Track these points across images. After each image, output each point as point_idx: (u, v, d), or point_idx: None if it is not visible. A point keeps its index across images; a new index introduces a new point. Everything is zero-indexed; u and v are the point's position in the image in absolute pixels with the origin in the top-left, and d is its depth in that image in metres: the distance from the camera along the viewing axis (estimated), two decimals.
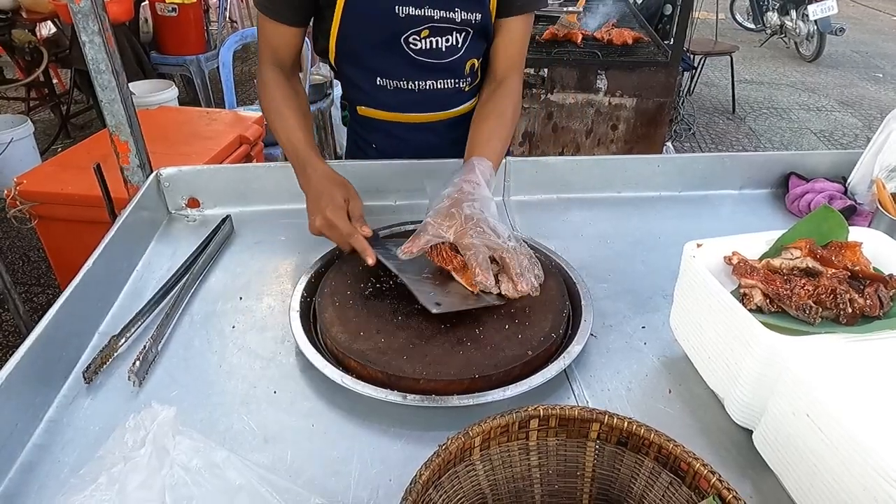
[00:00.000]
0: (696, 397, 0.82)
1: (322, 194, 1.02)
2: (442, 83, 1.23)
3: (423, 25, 1.14)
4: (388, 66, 1.19)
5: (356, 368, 0.83)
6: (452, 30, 1.17)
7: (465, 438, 0.58)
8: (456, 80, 1.24)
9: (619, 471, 0.62)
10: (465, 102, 1.29)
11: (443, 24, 1.15)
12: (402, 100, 1.24)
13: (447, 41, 1.18)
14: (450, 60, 1.20)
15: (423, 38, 1.16)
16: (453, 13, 1.14)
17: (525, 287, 0.87)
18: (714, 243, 0.84)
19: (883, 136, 1.26)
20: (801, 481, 0.64)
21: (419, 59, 1.18)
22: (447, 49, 1.18)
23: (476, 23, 1.16)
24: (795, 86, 6.21)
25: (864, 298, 0.71)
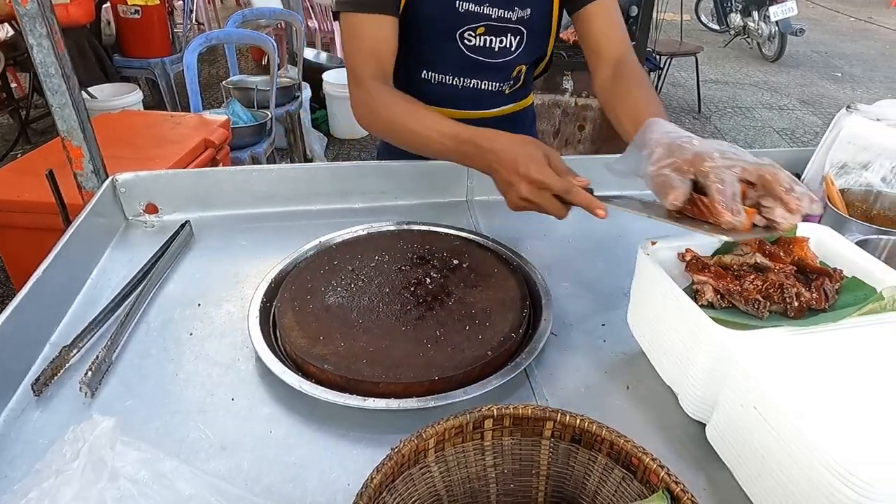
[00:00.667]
0: (653, 393, 0.84)
1: (517, 158, 0.88)
2: (486, 84, 1.23)
3: (480, 23, 1.14)
4: (438, 61, 1.19)
5: (315, 373, 0.82)
6: (507, 31, 1.17)
7: (419, 441, 0.58)
8: (500, 83, 1.24)
9: (574, 468, 0.63)
10: (501, 105, 1.30)
11: (498, 24, 1.15)
12: (443, 94, 1.23)
13: (500, 42, 1.17)
14: (500, 62, 1.20)
15: (479, 36, 1.16)
16: (511, 12, 1.14)
17: (805, 204, 0.68)
18: (668, 241, 0.85)
19: (833, 133, 1.30)
20: (750, 473, 0.65)
21: (471, 56, 1.18)
22: (500, 50, 1.18)
23: (527, 19, 1.15)
24: (758, 85, 6.36)
25: (810, 292, 0.73)
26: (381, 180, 1.27)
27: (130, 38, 4.28)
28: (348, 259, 1.04)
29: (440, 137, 0.99)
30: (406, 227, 1.15)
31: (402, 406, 0.76)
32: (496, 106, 1.29)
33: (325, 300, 0.94)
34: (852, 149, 1.23)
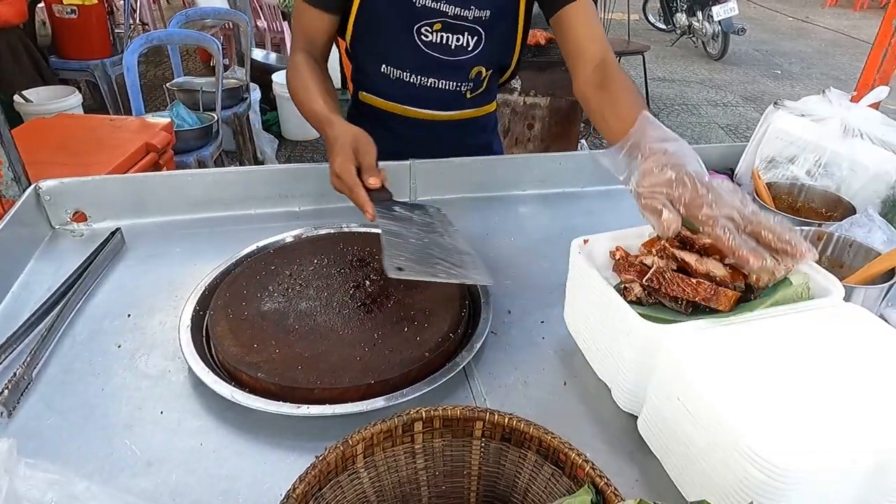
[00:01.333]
0: (589, 388, 0.85)
1: (333, 148, 0.99)
2: (444, 83, 1.25)
3: (437, 19, 1.17)
4: (396, 54, 1.22)
5: (249, 382, 0.80)
6: (464, 29, 1.18)
7: (345, 447, 0.57)
8: (458, 83, 1.25)
9: (505, 466, 0.63)
10: (464, 108, 1.31)
11: (455, 22, 1.17)
12: (403, 91, 1.26)
13: (457, 40, 1.19)
14: (457, 60, 1.21)
15: (435, 32, 1.18)
16: (468, 10, 1.16)
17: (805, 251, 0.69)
18: (600, 239, 0.86)
19: (763, 129, 1.35)
20: (677, 463, 0.67)
21: (427, 51, 1.20)
22: (456, 48, 1.20)
23: (486, 21, 1.17)
24: (704, 83, 6.56)
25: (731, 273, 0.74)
26: (321, 182, 1.25)
27: (67, 39, 4.11)
28: (286, 264, 1.02)
29: (310, 114, 1.11)
30: (346, 229, 1.14)
31: (338, 411, 0.75)
32: (459, 108, 1.30)
33: (260, 306, 0.92)
34: (780, 144, 1.28)
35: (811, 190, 1.16)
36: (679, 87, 6.36)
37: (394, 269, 0.81)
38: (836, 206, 1.12)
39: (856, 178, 1.16)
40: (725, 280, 0.74)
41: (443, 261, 0.86)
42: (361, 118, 1.35)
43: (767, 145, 1.30)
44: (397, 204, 1.01)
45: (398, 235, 0.90)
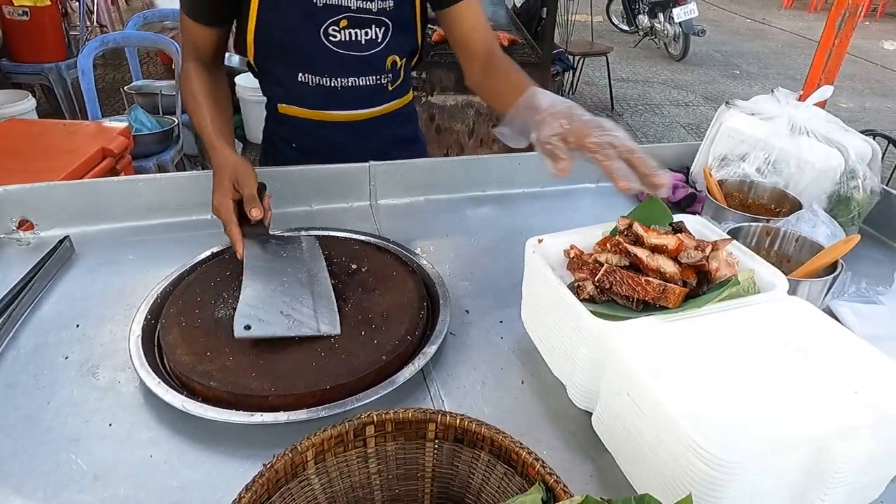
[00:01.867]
0: (546, 386, 0.85)
1: (214, 179, 1.02)
2: (364, 80, 1.23)
3: (341, 15, 1.15)
4: (309, 60, 1.19)
5: (201, 391, 0.79)
6: (371, 22, 1.18)
7: (294, 454, 0.56)
8: (378, 77, 1.25)
9: (458, 467, 0.63)
10: (387, 101, 1.30)
11: (360, 15, 1.16)
12: (325, 97, 1.24)
13: (366, 34, 1.18)
14: (370, 54, 1.20)
15: (343, 30, 1.16)
16: (371, 3, 1.15)
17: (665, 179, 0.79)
18: (555, 238, 0.87)
19: (715, 128, 1.38)
20: (629, 457, 0.68)
21: (339, 51, 1.18)
22: (367, 42, 1.19)
23: (390, 11, 1.17)
24: (666, 83, 6.69)
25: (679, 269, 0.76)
26: (279, 186, 1.24)
27: (19, 42, 3.98)
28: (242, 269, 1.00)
29: (200, 131, 1.11)
30: (304, 232, 1.12)
31: (292, 418, 0.74)
32: (382, 103, 1.29)
33: (215, 313, 0.91)
34: (731, 142, 1.31)
35: (760, 186, 1.19)
36: (642, 88, 6.48)
37: (241, 329, 0.83)
38: (784, 202, 1.15)
39: (803, 175, 1.20)
40: (675, 276, 0.76)
41: (295, 311, 0.88)
42: (286, 130, 1.31)
43: (720, 144, 1.33)
44: (271, 239, 1.03)
45: (260, 276, 0.94)
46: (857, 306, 1.01)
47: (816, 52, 1.61)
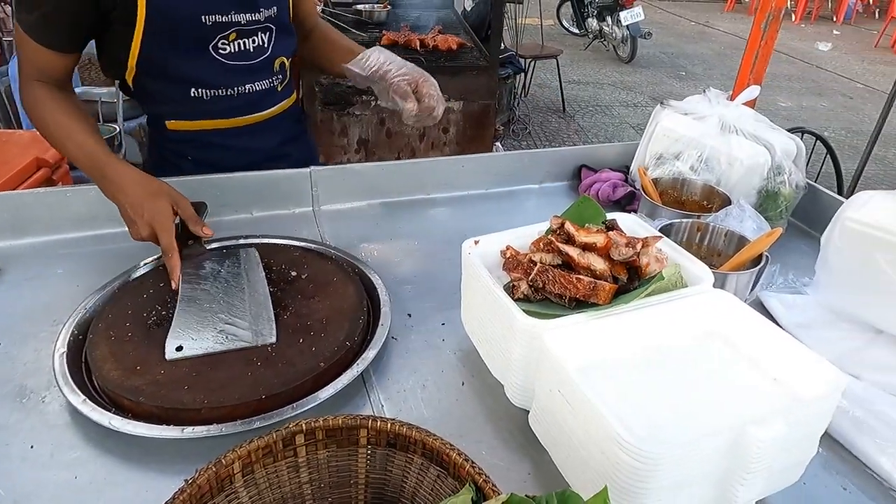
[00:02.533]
0: (486, 386, 0.86)
1: (144, 202, 0.99)
2: (258, 84, 1.24)
3: (231, 29, 1.15)
4: (201, 75, 1.17)
5: (131, 407, 0.76)
6: (258, 31, 1.19)
7: (219, 467, 0.55)
8: (269, 80, 1.26)
9: (392, 472, 0.63)
10: (279, 102, 1.32)
11: (248, 27, 1.17)
12: (222, 107, 1.23)
13: (254, 42, 1.20)
14: (260, 60, 1.22)
15: (232, 42, 1.16)
16: (258, 14, 1.17)
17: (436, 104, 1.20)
18: (492, 238, 0.88)
19: (652, 128, 1.41)
20: (562, 453, 0.69)
21: (230, 63, 1.18)
22: (255, 49, 1.20)
23: (275, 17, 1.20)
24: (615, 85, 6.85)
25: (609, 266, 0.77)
26: (218, 194, 1.21)
27: None
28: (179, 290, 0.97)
29: (79, 153, 1.05)
30: (244, 241, 1.10)
31: (225, 431, 0.73)
32: (275, 103, 1.31)
33: (147, 326, 0.88)
34: (666, 141, 1.35)
35: (692, 184, 1.23)
36: (593, 90, 6.61)
37: (172, 351, 0.82)
38: (715, 198, 1.19)
39: (733, 172, 1.24)
40: (605, 273, 0.77)
41: (230, 325, 0.88)
42: (179, 146, 1.27)
43: (656, 143, 1.37)
44: (209, 257, 1.02)
45: (196, 296, 0.93)
46: (785, 297, 1.05)
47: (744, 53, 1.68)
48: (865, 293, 0.93)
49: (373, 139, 2.74)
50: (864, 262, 0.93)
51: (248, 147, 1.30)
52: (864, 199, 0.97)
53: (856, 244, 0.94)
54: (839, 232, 0.97)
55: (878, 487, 0.74)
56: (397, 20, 3.45)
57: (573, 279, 0.75)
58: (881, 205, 0.94)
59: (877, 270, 0.90)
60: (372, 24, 3.42)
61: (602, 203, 1.39)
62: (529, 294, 0.79)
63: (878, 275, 0.90)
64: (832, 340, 0.93)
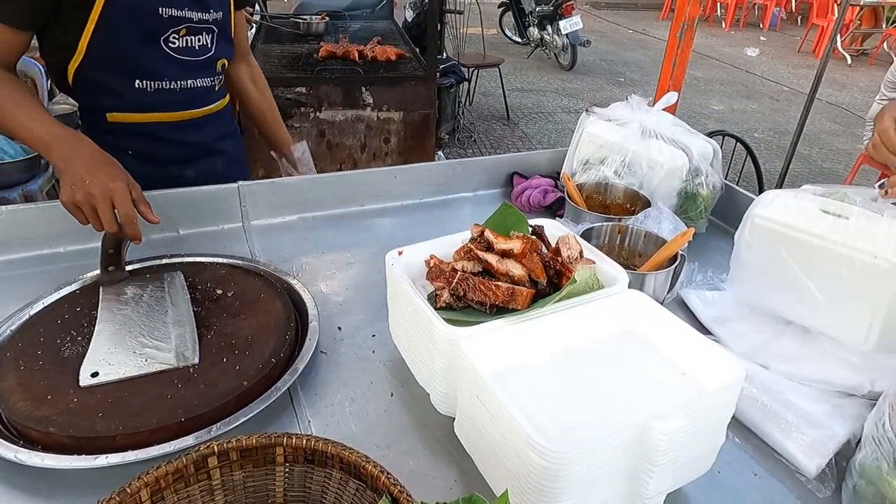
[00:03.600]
0: (414, 396, 0.86)
1: (103, 166, 1.00)
2: (199, 81, 1.32)
3: (182, 25, 1.21)
4: (149, 66, 1.22)
5: (40, 438, 0.73)
6: (203, 30, 1.27)
7: (123, 496, 0.53)
8: (210, 78, 1.35)
9: (311, 488, 0.62)
10: (217, 100, 1.40)
11: (198, 25, 1.24)
12: (164, 99, 1.27)
13: (199, 41, 1.27)
14: (204, 59, 1.30)
15: (181, 37, 1.23)
16: (208, 14, 1.25)
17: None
18: (416, 249, 0.89)
19: (578, 134, 1.46)
20: (483, 458, 0.70)
21: (178, 57, 1.24)
22: (200, 48, 1.28)
23: (219, 21, 1.29)
24: (558, 92, 7.01)
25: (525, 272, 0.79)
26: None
27: None
28: (95, 304, 0.94)
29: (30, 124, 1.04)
30: (168, 260, 1.08)
31: (141, 457, 0.70)
32: (214, 101, 1.38)
33: (60, 353, 0.85)
34: (592, 147, 1.39)
35: (615, 188, 1.27)
36: (536, 97, 6.74)
37: (87, 377, 0.80)
38: (637, 201, 1.24)
39: (654, 175, 1.29)
40: (523, 279, 0.79)
41: (150, 348, 0.86)
42: (119, 139, 1.26)
43: (582, 149, 1.41)
44: (132, 282, 1.00)
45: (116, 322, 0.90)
46: (703, 293, 1.10)
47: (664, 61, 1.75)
48: (773, 286, 0.98)
49: (313, 151, 2.69)
50: (771, 256, 0.98)
51: (188, 141, 1.35)
52: (770, 197, 1.02)
53: (763, 240, 0.99)
54: (749, 229, 1.02)
55: (786, 470, 0.78)
56: (336, 31, 3.44)
57: (492, 286, 0.76)
58: (785, 202, 0.99)
59: (782, 264, 0.96)
60: (311, 35, 3.41)
61: (533, 209, 1.42)
62: (452, 302, 0.80)
63: (783, 268, 0.95)
64: (745, 333, 0.98)
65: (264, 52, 3.00)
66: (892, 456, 0.65)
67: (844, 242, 0.87)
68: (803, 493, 0.75)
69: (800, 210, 0.94)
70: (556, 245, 0.86)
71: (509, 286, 0.76)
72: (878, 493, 0.66)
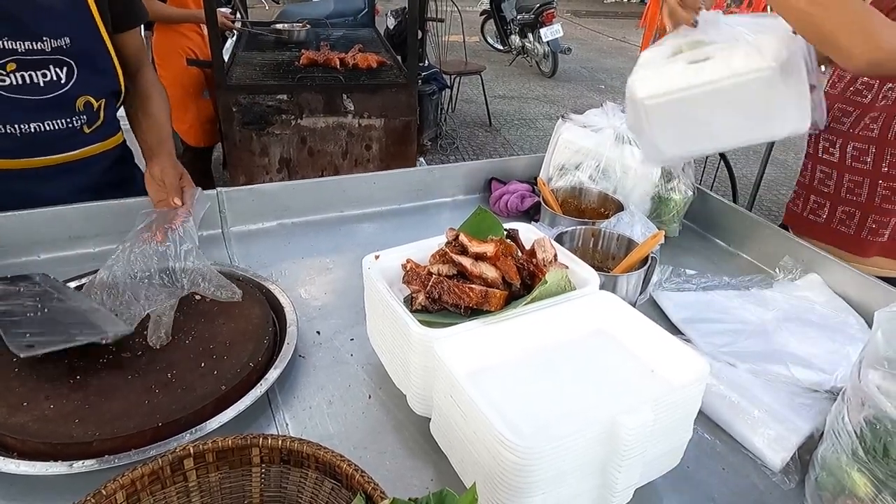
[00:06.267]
0: (392, 398, 0.88)
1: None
2: (52, 123, 1.14)
3: (7, 59, 1.06)
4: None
5: (15, 445, 0.73)
6: (48, 63, 1.10)
7: (99, 499, 0.54)
8: (67, 119, 1.16)
9: (287, 489, 0.63)
10: (87, 145, 1.22)
11: (32, 57, 1.08)
12: (9, 145, 1.12)
13: (44, 76, 1.11)
14: (54, 96, 1.13)
15: (11, 74, 1.07)
16: (41, 42, 1.08)
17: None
18: (392, 253, 0.90)
19: (555, 140, 1.48)
20: (457, 456, 0.71)
21: (13, 96, 1.09)
22: (47, 85, 1.11)
23: (70, 48, 1.11)
24: (539, 98, 7.08)
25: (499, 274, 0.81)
26: (118, 220, 1.18)
27: None
28: None
29: None
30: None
31: (118, 462, 0.71)
32: (77, 147, 1.20)
33: (35, 359, 0.84)
34: (567, 152, 1.42)
35: (589, 192, 1.30)
36: (518, 104, 6.81)
37: (24, 349, 0.78)
38: (610, 205, 1.27)
39: (627, 179, 1.32)
40: (496, 281, 0.81)
41: (73, 324, 0.85)
42: None
43: (558, 154, 1.44)
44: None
45: (11, 314, 0.86)
46: (674, 295, 1.12)
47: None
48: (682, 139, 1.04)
49: (295, 158, 2.72)
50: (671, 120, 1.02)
51: (52, 191, 1.18)
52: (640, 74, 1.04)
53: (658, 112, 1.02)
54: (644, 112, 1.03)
55: (752, 464, 0.81)
56: (317, 39, 3.45)
57: (466, 289, 0.78)
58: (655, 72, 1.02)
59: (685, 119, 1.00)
60: (291, 43, 3.41)
61: (511, 213, 1.44)
62: (427, 305, 0.81)
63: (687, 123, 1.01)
64: (714, 333, 1.00)
65: (245, 60, 3.00)
66: (851, 448, 0.68)
67: (723, 76, 0.93)
68: (769, 485, 0.78)
69: (673, 73, 0.98)
70: (531, 248, 0.89)
71: (483, 288, 0.78)
72: (838, 483, 0.69)
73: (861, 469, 0.65)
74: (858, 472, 0.65)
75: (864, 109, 1.23)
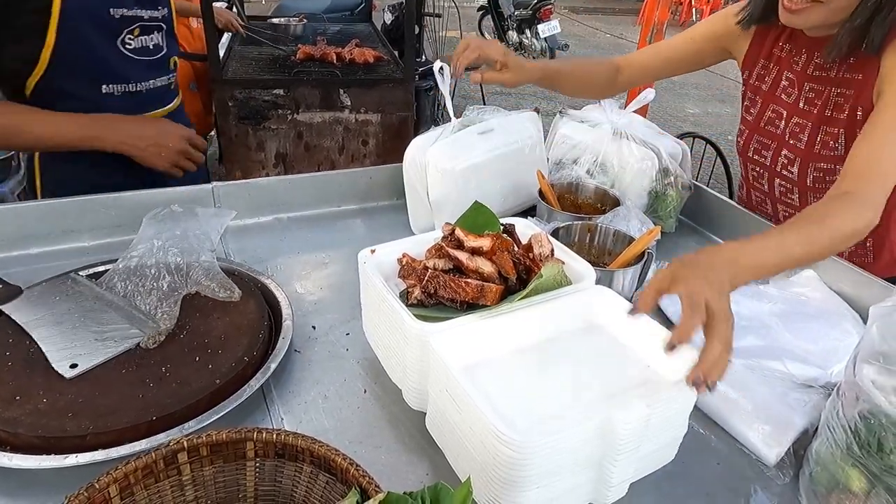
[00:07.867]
0: (387, 392, 0.87)
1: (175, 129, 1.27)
2: (159, 80, 1.34)
3: (134, 24, 1.23)
4: (113, 69, 1.23)
5: (8, 439, 0.73)
6: (154, 28, 1.29)
7: (92, 492, 0.54)
8: (167, 77, 1.37)
9: (281, 482, 0.63)
10: (174, 98, 1.42)
11: (149, 23, 1.27)
12: (132, 102, 1.28)
13: (152, 40, 1.30)
14: (158, 57, 1.32)
15: (137, 38, 1.25)
16: (157, 11, 1.28)
17: None
18: (388, 247, 0.90)
19: (552, 135, 1.48)
20: (453, 451, 0.71)
21: (136, 58, 1.26)
22: (154, 47, 1.31)
23: (167, 18, 1.32)
24: (536, 94, 7.07)
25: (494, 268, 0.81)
26: (111, 214, 1.17)
27: None
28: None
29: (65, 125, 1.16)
30: None
31: (112, 455, 0.70)
32: (169, 101, 1.39)
33: (28, 352, 0.84)
34: (565, 147, 1.42)
35: (586, 187, 1.30)
36: (515, 99, 6.80)
37: (67, 369, 0.81)
38: (607, 200, 1.26)
39: (625, 174, 1.32)
40: (492, 275, 0.81)
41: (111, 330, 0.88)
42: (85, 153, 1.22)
43: (555, 149, 1.44)
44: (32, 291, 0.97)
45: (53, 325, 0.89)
46: None
47: None
48: None
49: (291, 153, 2.71)
50: None
51: None
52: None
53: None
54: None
55: (747, 459, 0.81)
56: (314, 34, 3.44)
57: (462, 283, 0.77)
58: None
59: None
60: (288, 37, 3.40)
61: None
62: (423, 299, 0.81)
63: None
64: None
65: (241, 55, 2.99)
66: (845, 443, 0.68)
67: None
68: (763, 480, 0.78)
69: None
70: (527, 242, 0.88)
71: (479, 283, 0.78)
72: (832, 478, 0.69)
73: (855, 464, 0.65)
74: (853, 466, 0.65)
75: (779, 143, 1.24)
